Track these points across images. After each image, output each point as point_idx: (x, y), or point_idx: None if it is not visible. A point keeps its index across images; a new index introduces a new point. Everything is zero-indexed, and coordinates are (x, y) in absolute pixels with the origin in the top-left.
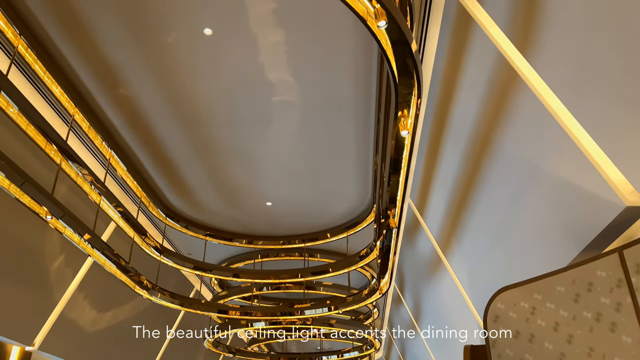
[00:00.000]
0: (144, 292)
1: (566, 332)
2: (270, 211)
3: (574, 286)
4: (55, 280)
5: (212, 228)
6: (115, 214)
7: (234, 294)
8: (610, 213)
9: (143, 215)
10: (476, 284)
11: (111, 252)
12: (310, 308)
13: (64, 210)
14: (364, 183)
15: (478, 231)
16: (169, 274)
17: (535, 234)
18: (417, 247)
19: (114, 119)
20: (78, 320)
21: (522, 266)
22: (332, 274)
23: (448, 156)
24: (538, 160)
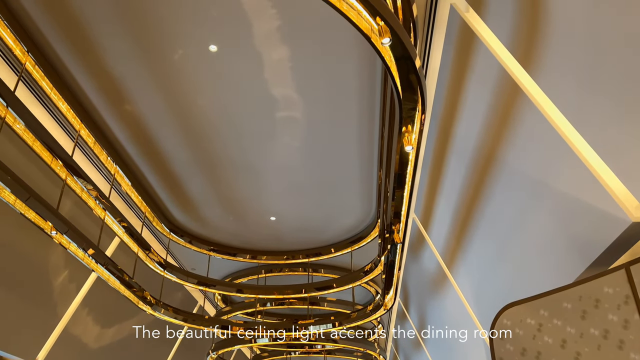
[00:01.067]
0: (147, 307)
1: (574, 349)
2: (274, 226)
3: (580, 302)
4: (59, 295)
5: (215, 243)
6: (119, 229)
7: (238, 309)
8: (616, 229)
9: (147, 230)
10: (482, 300)
11: (115, 267)
12: (314, 324)
13: (69, 226)
14: (368, 198)
15: (483, 246)
16: (172, 289)
17: (540, 249)
18: (422, 262)
19: (119, 134)
20: (81, 335)
21: (528, 282)
22: (336, 289)
23: (452, 171)
24: (542, 175)
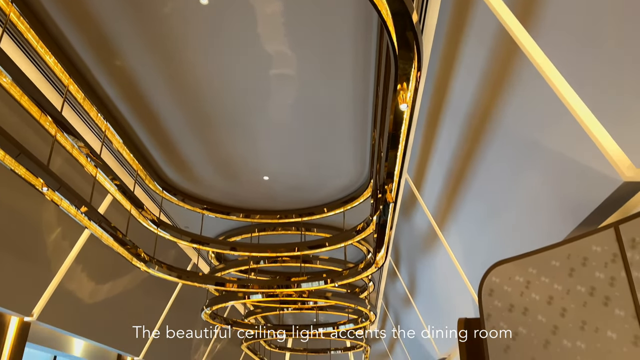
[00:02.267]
0: (141, 264)
1: (560, 305)
2: (268, 185)
3: (568, 261)
4: (53, 252)
5: (209, 202)
6: (111, 187)
7: (231, 267)
8: (607, 188)
9: (139, 188)
10: (471, 258)
11: (108, 225)
12: (306, 281)
13: (60, 183)
14: (362, 158)
15: (474, 206)
16: (166, 247)
17: (531, 209)
18: (414, 222)
19: (109, 90)
20: (76, 291)
21: (518, 241)
22: (328, 248)
23: (446, 131)
24: (537, 135)
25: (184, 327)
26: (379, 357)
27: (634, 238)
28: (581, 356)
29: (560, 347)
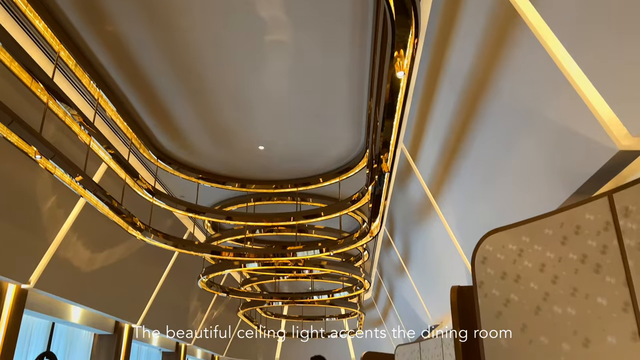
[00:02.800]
0: (137, 233)
1: (552, 273)
2: (263, 155)
3: (561, 229)
4: (48, 220)
5: (204, 171)
6: (106, 155)
7: (227, 236)
8: (603, 157)
9: (134, 157)
10: (465, 227)
11: (104, 194)
12: (302, 250)
13: (54, 151)
14: (358, 128)
15: (469, 176)
16: (162, 217)
17: (526, 178)
18: (408, 191)
19: (101, 57)
20: (73, 259)
21: (512, 210)
22: (323, 217)
23: (443, 100)
24: (534, 103)
25: (181, 295)
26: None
27: (627, 207)
28: (571, 322)
29: (551, 313)
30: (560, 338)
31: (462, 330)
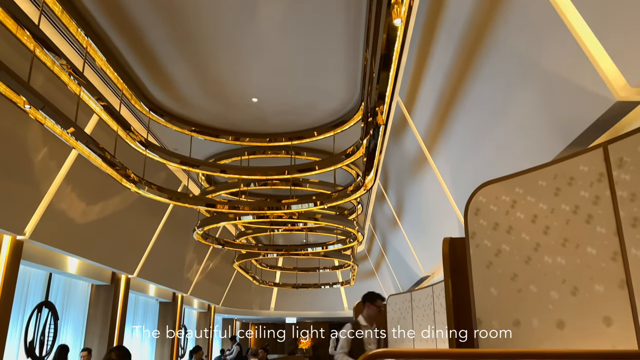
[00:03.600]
0: (131, 185)
1: (543, 224)
2: (257, 107)
3: (555, 180)
4: (41, 172)
5: (197, 124)
6: (97, 106)
7: (222, 189)
8: (600, 108)
9: (125, 109)
10: (459, 180)
11: (96, 146)
12: (296, 203)
13: (44, 102)
14: (353, 80)
15: (465, 128)
16: (155, 170)
17: (522, 130)
18: (403, 145)
19: (88, 3)
20: (67, 211)
21: (507, 163)
22: (318, 171)
23: (440, 50)
24: (532, 53)
25: (177, 247)
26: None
27: (621, 158)
28: (560, 271)
29: (541, 263)
30: (549, 287)
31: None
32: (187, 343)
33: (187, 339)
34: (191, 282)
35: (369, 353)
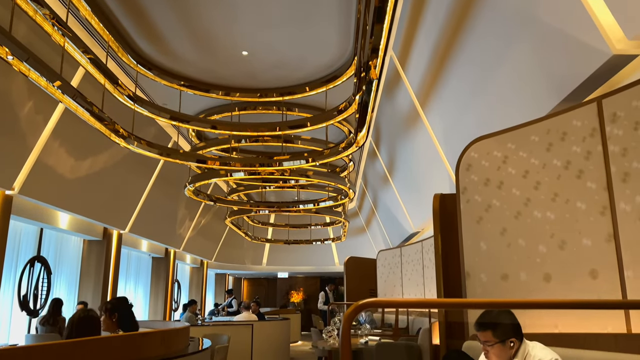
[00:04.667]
0: (120, 140)
1: (534, 179)
2: (247, 61)
3: (548, 135)
4: (27, 126)
5: (187, 78)
6: (82, 59)
7: (212, 145)
8: (596, 61)
9: (112, 62)
10: (451, 137)
11: (84, 100)
12: (288, 160)
13: (28, 53)
14: (346, 33)
15: (459, 84)
16: (145, 125)
17: (516, 85)
18: (396, 101)
19: None
20: (56, 166)
21: (500, 119)
22: (309, 128)
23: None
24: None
25: (168, 203)
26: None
27: (615, 112)
28: (549, 225)
29: (531, 218)
30: (538, 241)
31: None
32: (181, 297)
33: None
34: (183, 238)
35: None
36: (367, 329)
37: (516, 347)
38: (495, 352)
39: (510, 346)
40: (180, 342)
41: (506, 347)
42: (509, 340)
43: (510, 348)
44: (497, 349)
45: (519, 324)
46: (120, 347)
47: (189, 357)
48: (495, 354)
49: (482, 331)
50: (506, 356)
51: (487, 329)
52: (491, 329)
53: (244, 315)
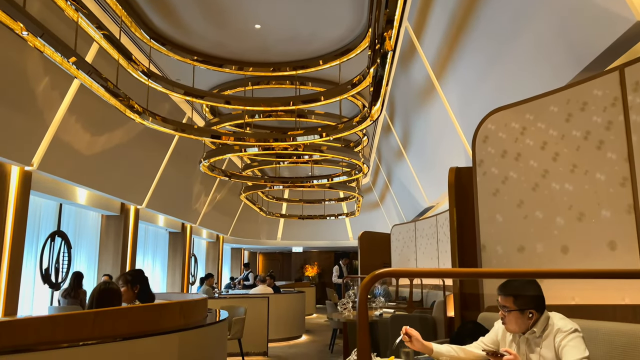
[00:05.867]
0: (135, 116)
1: (553, 150)
2: (260, 35)
3: (567, 106)
4: (44, 102)
5: (200, 52)
6: (96, 34)
7: (226, 121)
8: (618, 28)
9: (126, 37)
10: (467, 109)
11: (99, 75)
12: (302, 135)
13: (43, 29)
14: (360, 4)
15: (475, 54)
16: (159, 101)
17: (535, 54)
18: (411, 74)
19: None
20: (73, 142)
21: (518, 89)
22: (323, 102)
23: None
24: None
25: (184, 179)
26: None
27: (637, 81)
28: (568, 197)
29: (549, 190)
30: (556, 213)
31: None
32: (198, 271)
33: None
34: (199, 213)
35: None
36: (382, 302)
37: (535, 318)
38: (512, 319)
39: (529, 317)
40: (199, 313)
41: (524, 317)
42: (528, 311)
43: (529, 319)
44: (513, 316)
45: (542, 296)
46: (141, 318)
47: (207, 327)
48: (511, 321)
49: (504, 296)
50: (523, 325)
51: (509, 295)
52: (513, 296)
53: (260, 288)
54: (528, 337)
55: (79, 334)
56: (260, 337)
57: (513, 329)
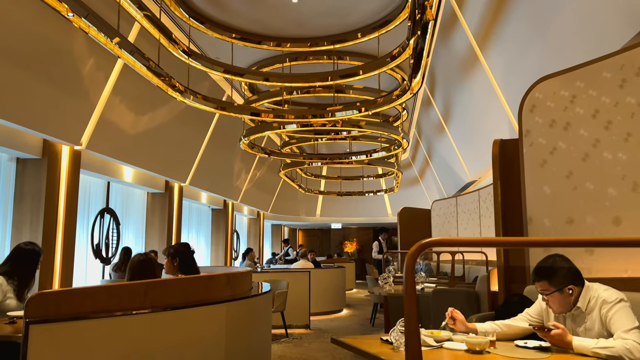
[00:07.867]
0: (177, 94)
1: (605, 119)
2: (297, 9)
3: (621, 71)
4: (90, 83)
5: (238, 30)
6: (137, 14)
7: (265, 98)
8: None
9: (165, 17)
10: (512, 79)
11: (141, 55)
12: (340, 110)
13: (87, 10)
14: None
15: (520, 21)
16: (198, 80)
17: (584, 19)
18: (452, 44)
19: None
20: (118, 122)
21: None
22: (362, 76)
23: None
24: None
25: (225, 156)
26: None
27: None
28: (621, 167)
29: (600, 160)
30: (607, 183)
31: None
32: (240, 247)
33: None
34: (240, 190)
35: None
36: (423, 277)
37: (576, 293)
38: (554, 300)
39: (569, 293)
40: (245, 284)
41: (565, 295)
42: (566, 288)
43: (570, 295)
44: (555, 298)
45: (576, 268)
46: (190, 288)
47: (253, 298)
48: (555, 302)
49: (538, 281)
50: (566, 303)
51: (542, 279)
52: (546, 279)
53: (301, 263)
54: (574, 313)
55: (132, 303)
56: (302, 310)
57: (558, 309)
